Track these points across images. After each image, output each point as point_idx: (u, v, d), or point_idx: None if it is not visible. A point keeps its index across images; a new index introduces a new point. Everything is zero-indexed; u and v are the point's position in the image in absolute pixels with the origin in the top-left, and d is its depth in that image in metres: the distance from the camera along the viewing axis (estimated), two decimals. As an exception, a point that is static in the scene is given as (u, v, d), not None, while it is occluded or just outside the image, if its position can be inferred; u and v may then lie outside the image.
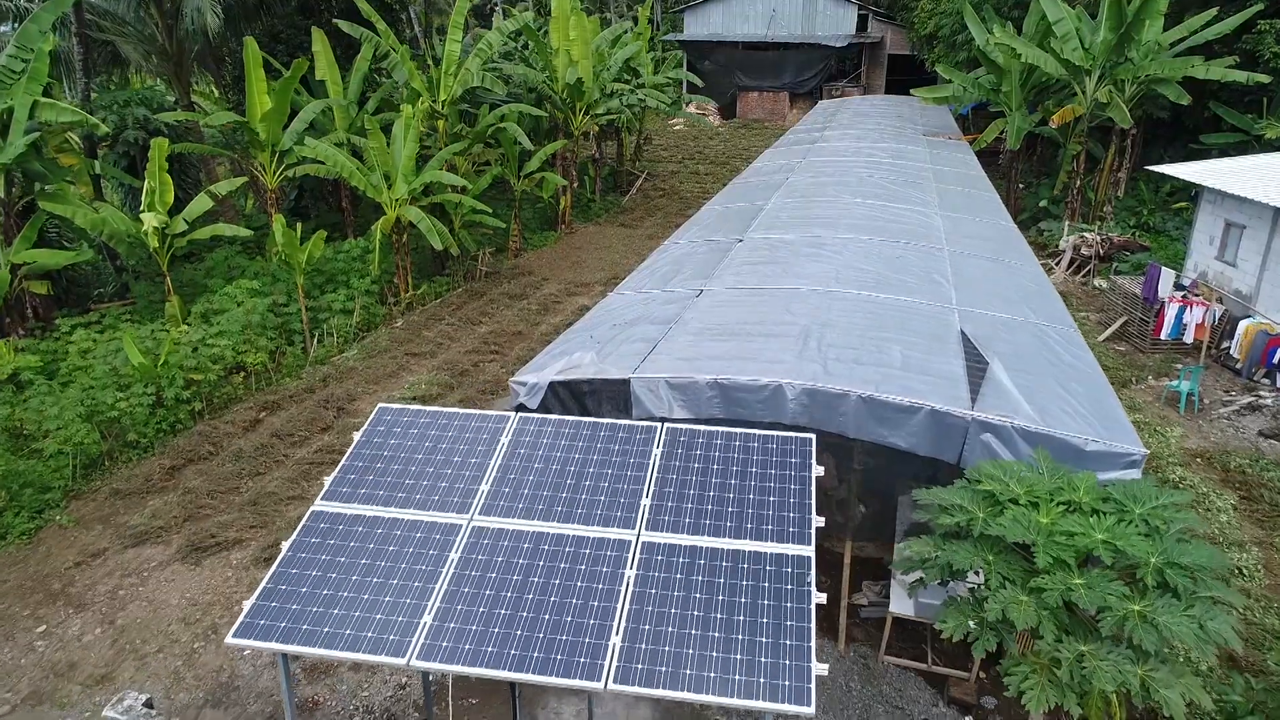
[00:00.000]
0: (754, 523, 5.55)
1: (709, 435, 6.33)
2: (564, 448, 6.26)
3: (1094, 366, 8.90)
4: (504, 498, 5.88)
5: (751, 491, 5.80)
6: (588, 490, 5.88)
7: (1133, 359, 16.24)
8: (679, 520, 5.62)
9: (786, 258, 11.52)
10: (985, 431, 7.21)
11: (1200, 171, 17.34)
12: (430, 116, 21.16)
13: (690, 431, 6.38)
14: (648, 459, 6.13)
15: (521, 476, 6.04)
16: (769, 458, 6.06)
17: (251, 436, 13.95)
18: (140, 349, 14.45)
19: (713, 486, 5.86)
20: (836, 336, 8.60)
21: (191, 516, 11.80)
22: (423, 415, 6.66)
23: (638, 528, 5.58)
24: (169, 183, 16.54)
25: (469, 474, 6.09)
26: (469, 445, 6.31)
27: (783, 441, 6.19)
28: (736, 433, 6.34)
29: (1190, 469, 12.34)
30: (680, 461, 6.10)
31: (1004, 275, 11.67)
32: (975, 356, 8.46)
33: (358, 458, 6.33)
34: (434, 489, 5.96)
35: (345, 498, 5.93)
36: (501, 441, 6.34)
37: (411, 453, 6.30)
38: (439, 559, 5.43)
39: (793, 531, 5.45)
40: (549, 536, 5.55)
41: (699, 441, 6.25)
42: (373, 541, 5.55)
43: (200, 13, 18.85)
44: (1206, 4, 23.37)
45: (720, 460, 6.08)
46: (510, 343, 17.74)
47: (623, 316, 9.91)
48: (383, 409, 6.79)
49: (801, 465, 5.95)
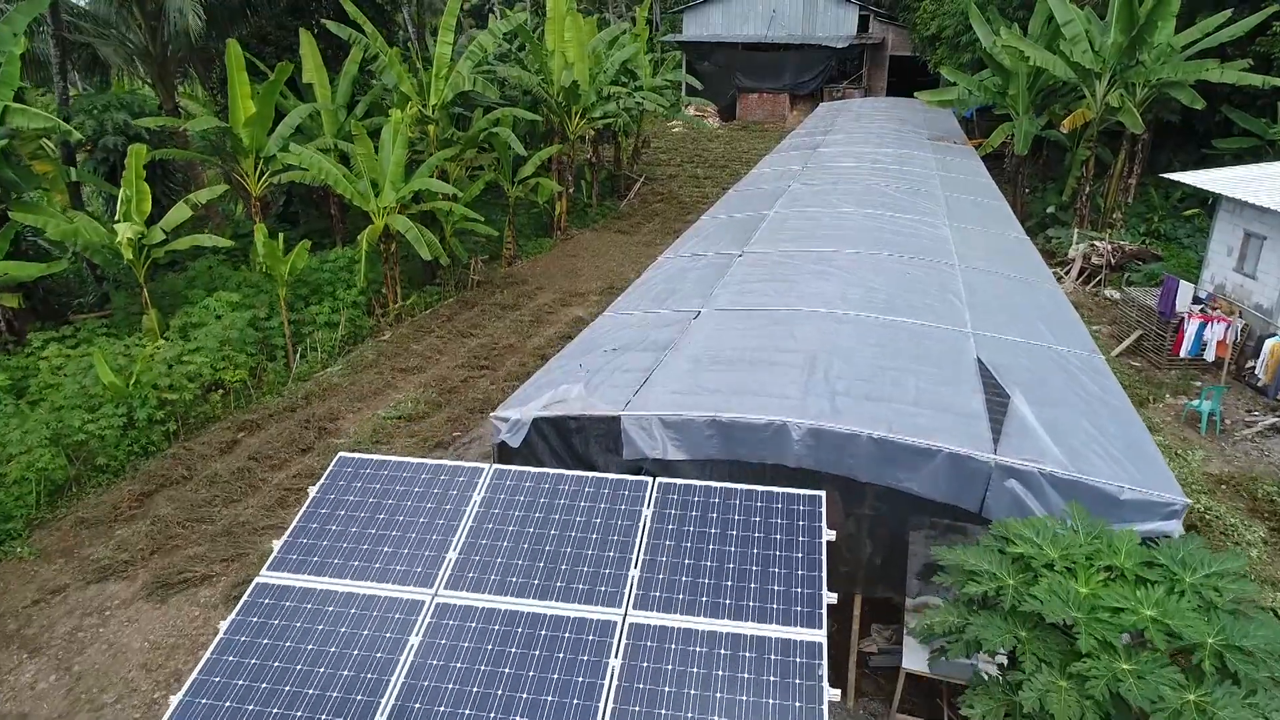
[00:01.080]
0: (757, 599, 4.91)
1: (705, 492, 5.69)
2: (543, 507, 5.61)
3: (1122, 398, 8.26)
4: (474, 567, 5.22)
5: (754, 561, 5.16)
6: (569, 559, 5.23)
7: (1149, 375, 15.60)
8: (671, 597, 4.97)
9: (790, 274, 10.88)
10: (1010, 477, 6.58)
11: (1218, 180, 16.69)
12: (420, 121, 20.52)
13: (684, 488, 5.74)
14: (637, 521, 5.49)
15: (494, 542, 5.38)
16: (773, 519, 5.42)
17: (228, 459, 13.30)
18: (113, 366, 13.82)
19: (710, 555, 5.21)
20: (844, 366, 7.96)
21: (160, 548, 11.14)
22: (386, 467, 6.01)
23: (624, 606, 4.93)
24: (146, 191, 15.89)
25: (436, 538, 5.43)
26: (437, 503, 5.66)
27: (789, 500, 5.56)
28: (737, 489, 5.70)
29: (1215, 497, 11.70)
30: (673, 524, 5.45)
31: (1019, 293, 11.03)
32: (995, 388, 7.82)
33: (312, 517, 5.67)
34: (395, 556, 5.30)
35: (295, 566, 5.26)
36: (473, 499, 5.70)
37: (373, 511, 5.65)
38: (397, 644, 4.75)
39: (801, 611, 4.81)
40: (523, 617, 4.89)
41: (694, 500, 5.60)
42: (322, 621, 4.87)
43: (182, 14, 18.18)
44: (1218, 6, 22.75)
45: (719, 522, 5.44)
46: (502, 357, 17.10)
47: (615, 341, 9.26)
48: (343, 459, 6.15)
49: (810, 529, 5.31)
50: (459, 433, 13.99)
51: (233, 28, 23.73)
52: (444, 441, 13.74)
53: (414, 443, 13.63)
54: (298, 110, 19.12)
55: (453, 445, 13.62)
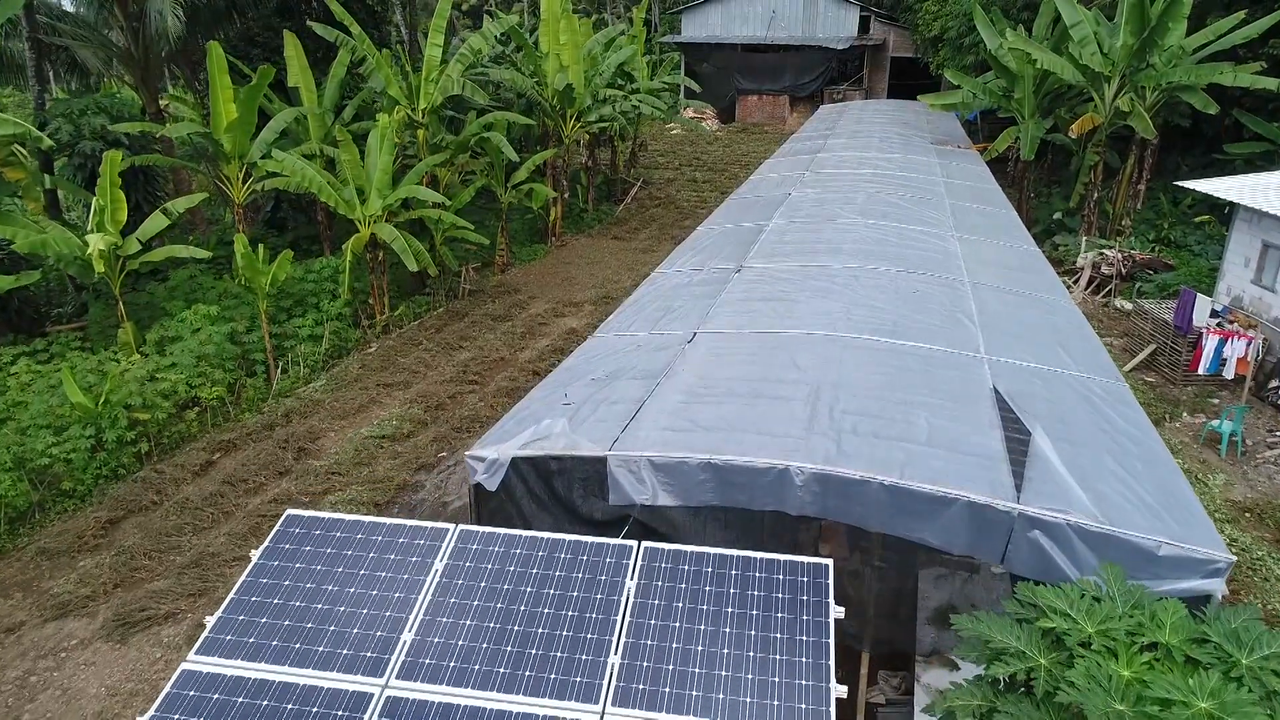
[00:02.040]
0: (755, 695, 4.29)
1: (697, 560, 5.07)
2: (513, 577, 4.99)
3: (1151, 433, 7.65)
4: (432, 651, 4.59)
5: (752, 645, 4.54)
6: (540, 642, 4.60)
7: (1164, 392, 15.00)
8: (656, 691, 4.34)
9: (790, 293, 10.26)
10: (1034, 529, 5.97)
11: (1235, 188, 16.08)
12: (409, 125, 19.91)
13: (673, 554, 5.11)
14: (619, 594, 4.87)
15: (456, 620, 4.75)
16: (774, 593, 4.81)
17: (201, 482, 12.69)
18: (83, 385, 13.21)
19: (701, 637, 4.60)
20: (851, 399, 7.35)
21: (124, 582, 10.53)
22: (338, 527, 5.39)
23: (602, 702, 4.30)
24: (121, 199, 15.27)
25: (390, 614, 4.81)
26: (393, 571, 5.05)
27: (791, 570, 4.95)
28: (732, 556, 5.08)
29: (1239, 526, 11.10)
30: (661, 599, 4.84)
31: (1034, 313, 10.42)
32: (1014, 424, 7.21)
33: (252, 588, 5.05)
34: (343, 638, 4.67)
35: (228, 649, 4.63)
36: (434, 568, 5.08)
37: (320, 581, 5.03)
38: (337, 753, 4.13)
39: (805, 710, 4.19)
40: (486, 715, 4.26)
41: (684, 569, 4.98)
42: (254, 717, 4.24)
43: (162, 15, 17.56)
44: (1229, 7, 22.15)
45: (712, 597, 4.82)
46: (492, 371, 16.48)
47: (603, 366, 8.65)
48: (290, 517, 5.53)
49: (816, 606, 4.70)
50: (445, 453, 13.38)
51: (218, 29, 23.12)
52: (429, 463, 13.14)
53: (397, 464, 13.02)
54: (282, 115, 18.50)
55: (438, 467, 13.01)
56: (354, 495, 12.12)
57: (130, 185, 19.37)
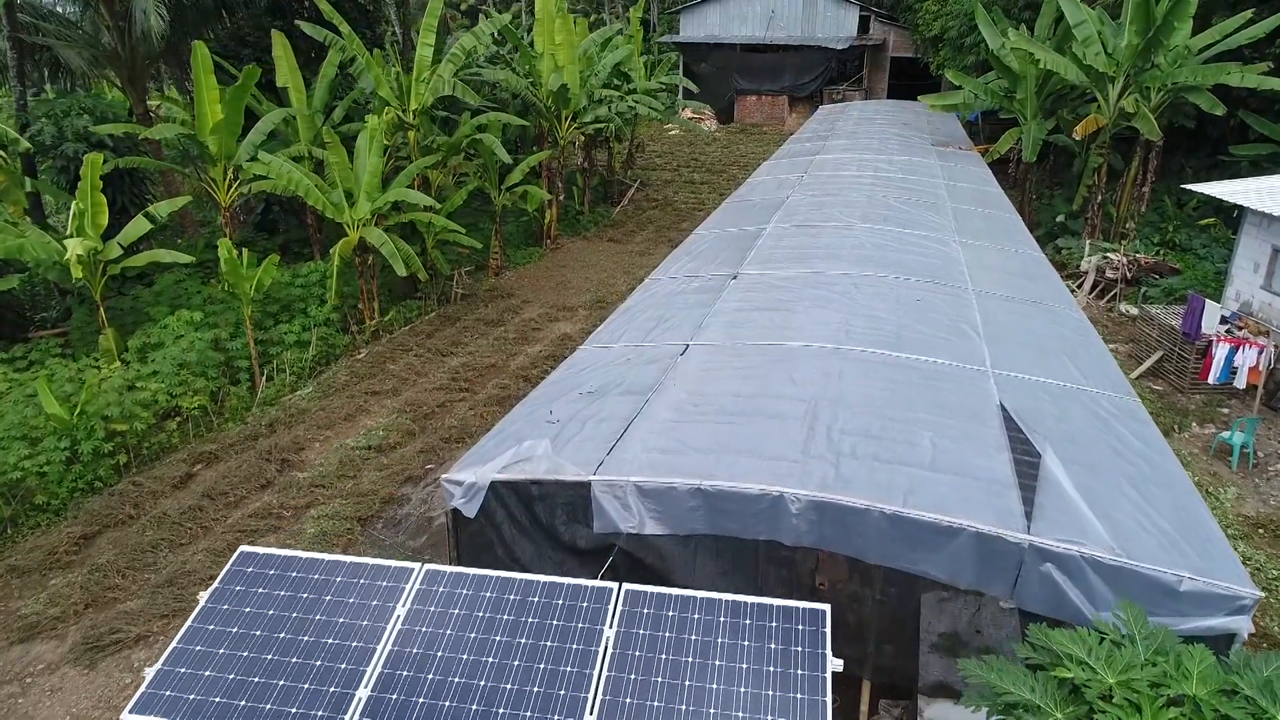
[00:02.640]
0: (744, 761, 3.92)
1: (682, 605, 4.68)
2: (482, 624, 4.60)
3: (1167, 453, 7.27)
4: (390, 711, 4.20)
5: (740, 704, 4.15)
6: (509, 699, 4.20)
7: (1171, 400, 14.61)
8: (635, 758, 3.98)
9: (788, 302, 9.88)
10: (1046, 561, 5.60)
11: (1244, 191, 15.70)
12: (399, 127, 19.51)
13: (657, 599, 4.72)
14: (596, 645, 4.49)
15: (418, 674, 4.36)
16: (765, 643, 4.43)
17: (180, 496, 12.29)
18: (59, 395, 12.82)
19: (686, 694, 4.21)
20: (850, 418, 6.96)
21: (95, 601, 10.14)
22: (294, 566, 5.00)
23: (576, 770, 3.94)
24: (103, 203, 14.86)
25: (346, 666, 4.42)
26: (352, 616, 4.66)
27: (784, 617, 4.56)
28: (720, 601, 4.69)
29: (1252, 543, 10.71)
30: (642, 650, 4.46)
31: (1040, 322, 10.03)
32: (1022, 444, 6.83)
33: (197, 635, 4.65)
34: (292, 694, 4.27)
35: (166, 707, 4.21)
36: (395, 613, 4.69)
37: (273, 628, 4.64)
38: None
39: (800, 780, 3.82)
40: (447, 783, 3.89)
41: (668, 616, 4.59)
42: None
43: (145, 14, 17.17)
44: (1234, 7, 21.77)
45: (698, 648, 4.44)
46: (483, 378, 16.08)
47: (592, 380, 8.26)
48: (244, 555, 5.15)
49: (812, 658, 4.31)
50: (432, 465, 12.99)
51: (207, 28, 22.73)
52: (415, 475, 12.76)
53: (383, 476, 12.63)
54: (270, 116, 18.12)
55: (424, 480, 12.63)
56: (337, 509, 11.74)
57: (116, 188, 18.99)
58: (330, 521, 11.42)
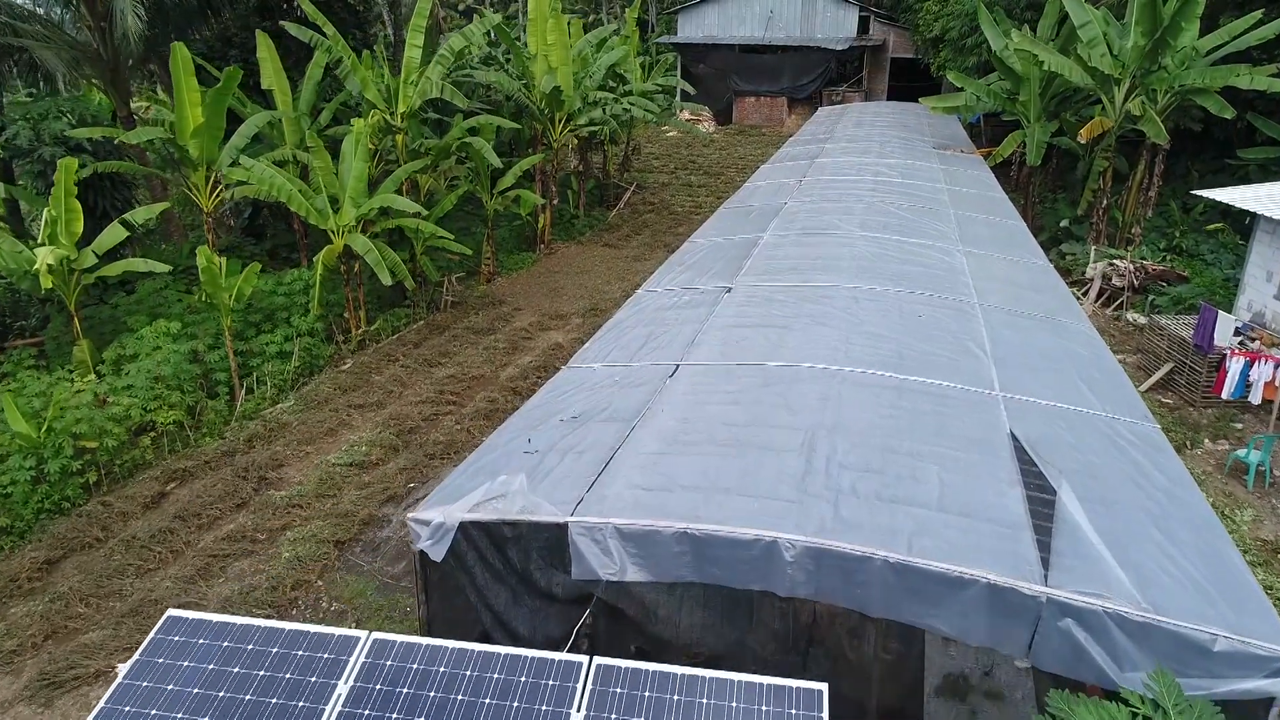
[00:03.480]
0: None
1: (660, 683, 4.16)
2: (432, 706, 4.08)
3: (1192, 488, 6.77)
4: (322, 816, 3.72)
5: (725, 808, 3.67)
6: (461, 801, 3.73)
7: (1183, 415, 14.12)
8: None
9: (784, 318, 9.38)
10: (1066, 616, 5.09)
11: (1255, 198, 15.22)
12: (387, 130, 19.02)
13: (632, 676, 4.21)
14: (562, 732, 4.01)
15: (358, 769, 3.89)
16: (756, 730, 3.93)
17: (151, 517, 11.79)
18: (27, 411, 12.30)
19: (663, 795, 3.73)
20: (850, 450, 6.46)
21: (56, 632, 9.64)
22: (227, 634, 4.48)
23: None
24: (77, 210, 14.37)
25: (278, 758, 3.93)
26: (287, 695, 4.15)
27: (776, 699, 4.05)
28: (702, 678, 4.19)
29: (1272, 570, 10.22)
30: (614, 738, 3.97)
31: (1050, 339, 9.54)
32: (1036, 479, 6.33)
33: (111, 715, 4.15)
34: (214, 792, 3.81)
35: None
36: (337, 692, 4.18)
37: (196, 709, 4.12)
38: None
39: None
40: None
41: (644, 698, 4.06)
42: None
43: (124, 15, 16.66)
44: (1243, 7, 21.30)
45: (678, 736, 3.95)
46: (470, 390, 15.59)
47: (574, 404, 7.76)
48: (171, 620, 4.65)
49: (807, 749, 3.83)
50: (415, 484, 12.50)
51: (191, 29, 22.22)
52: (397, 495, 12.26)
53: (364, 495, 12.14)
54: (254, 119, 17.61)
55: (406, 500, 12.13)
56: (314, 531, 11.25)
57: (96, 193, 18.49)
58: (306, 545, 10.93)
